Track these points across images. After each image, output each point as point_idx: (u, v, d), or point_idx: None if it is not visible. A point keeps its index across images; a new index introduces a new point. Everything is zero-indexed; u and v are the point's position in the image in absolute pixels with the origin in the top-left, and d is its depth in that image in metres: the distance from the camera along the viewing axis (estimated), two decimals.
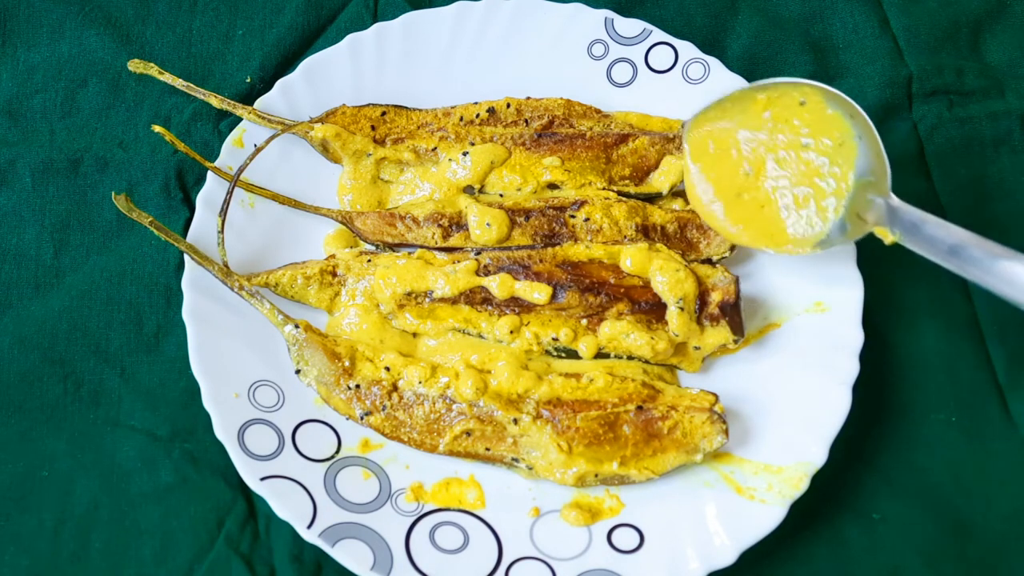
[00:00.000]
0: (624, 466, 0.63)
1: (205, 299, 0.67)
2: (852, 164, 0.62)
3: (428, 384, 0.65)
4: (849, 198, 0.62)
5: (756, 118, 0.65)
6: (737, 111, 0.66)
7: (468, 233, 0.70)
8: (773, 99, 0.65)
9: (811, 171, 0.63)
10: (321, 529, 0.61)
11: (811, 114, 0.63)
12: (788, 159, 0.63)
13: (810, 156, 0.63)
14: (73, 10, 0.80)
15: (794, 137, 0.63)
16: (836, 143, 0.62)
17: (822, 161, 0.62)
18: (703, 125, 0.67)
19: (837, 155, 0.62)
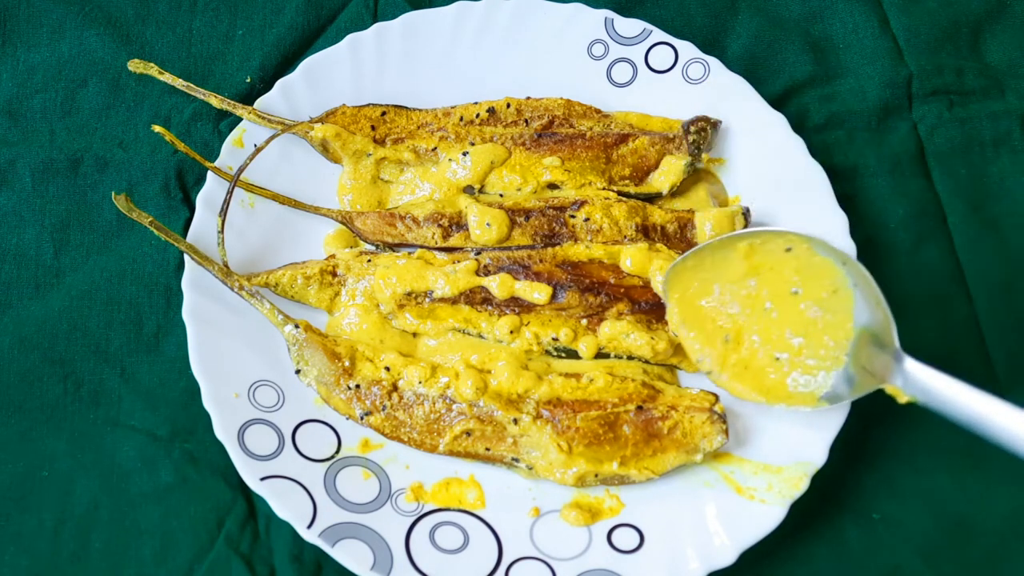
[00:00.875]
0: (624, 466, 0.63)
1: (205, 299, 0.67)
2: (850, 313, 0.56)
3: (428, 384, 0.65)
4: (852, 348, 0.56)
5: (739, 267, 0.60)
6: (718, 260, 0.60)
7: (468, 233, 0.70)
8: (756, 247, 0.59)
9: (806, 321, 0.57)
10: (321, 529, 0.61)
11: (798, 260, 0.57)
12: (779, 309, 0.58)
13: (803, 305, 0.57)
14: (73, 10, 0.80)
15: (783, 286, 0.58)
16: (830, 291, 0.57)
17: (816, 310, 0.57)
18: (683, 276, 0.62)
19: (832, 303, 0.57)
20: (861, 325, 0.55)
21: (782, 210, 0.71)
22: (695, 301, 0.60)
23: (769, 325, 0.58)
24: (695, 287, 0.60)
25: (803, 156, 0.72)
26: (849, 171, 0.76)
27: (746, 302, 0.59)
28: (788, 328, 0.57)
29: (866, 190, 0.76)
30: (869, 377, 0.54)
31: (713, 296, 0.60)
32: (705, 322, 0.61)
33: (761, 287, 0.58)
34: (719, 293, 0.59)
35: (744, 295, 0.59)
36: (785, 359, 0.58)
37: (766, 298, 0.58)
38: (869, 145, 0.78)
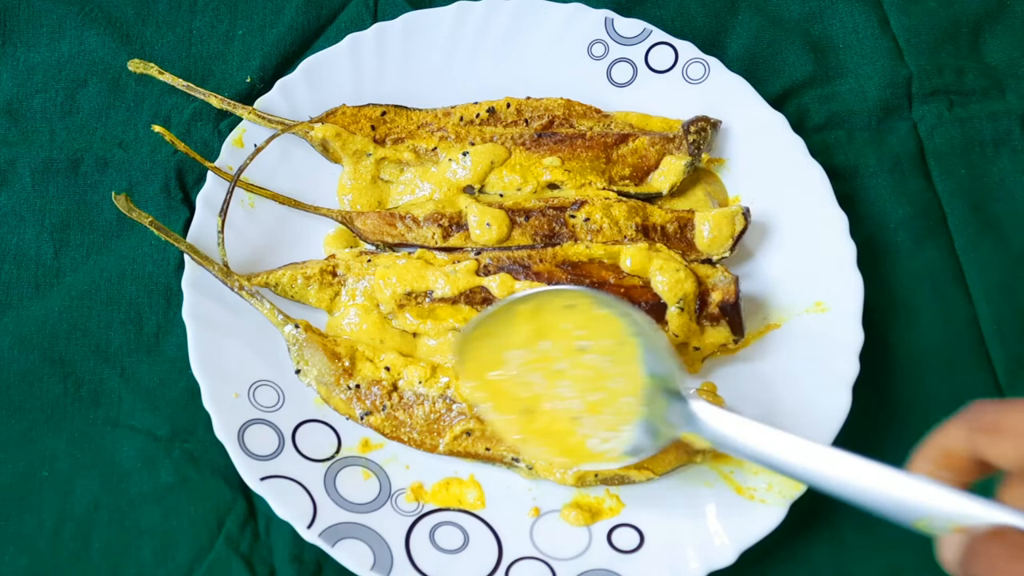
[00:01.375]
0: (624, 466, 0.63)
1: (205, 299, 0.67)
2: (637, 363, 0.55)
3: (428, 384, 0.65)
4: (646, 396, 0.54)
5: (525, 331, 0.58)
6: (503, 326, 0.59)
7: (468, 233, 0.70)
8: (538, 307, 0.58)
9: (597, 375, 0.56)
10: (321, 529, 0.61)
11: (581, 316, 0.56)
12: (570, 367, 0.56)
13: (591, 359, 0.56)
14: (73, 10, 0.80)
15: (568, 343, 0.56)
16: (616, 343, 0.55)
17: (606, 363, 0.55)
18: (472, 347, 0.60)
19: (620, 354, 0.55)
20: (649, 374, 0.54)
21: (782, 210, 0.71)
22: (487, 372, 0.59)
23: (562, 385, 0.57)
24: (486, 357, 0.58)
25: (803, 156, 0.72)
26: (849, 171, 0.76)
27: (537, 366, 0.57)
28: (582, 384, 0.56)
29: (866, 190, 0.76)
30: (667, 426, 0.53)
31: (505, 365, 0.58)
32: (500, 395, 0.59)
33: (551, 348, 0.57)
34: (510, 361, 0.58)
35: (534, 359, 0.57)
36: (585, 418, 0.57)
37: (557, 358, 0.57)
38: (869, 145, 0.78)
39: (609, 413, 0.56)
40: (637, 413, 0.55)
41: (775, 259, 0.71)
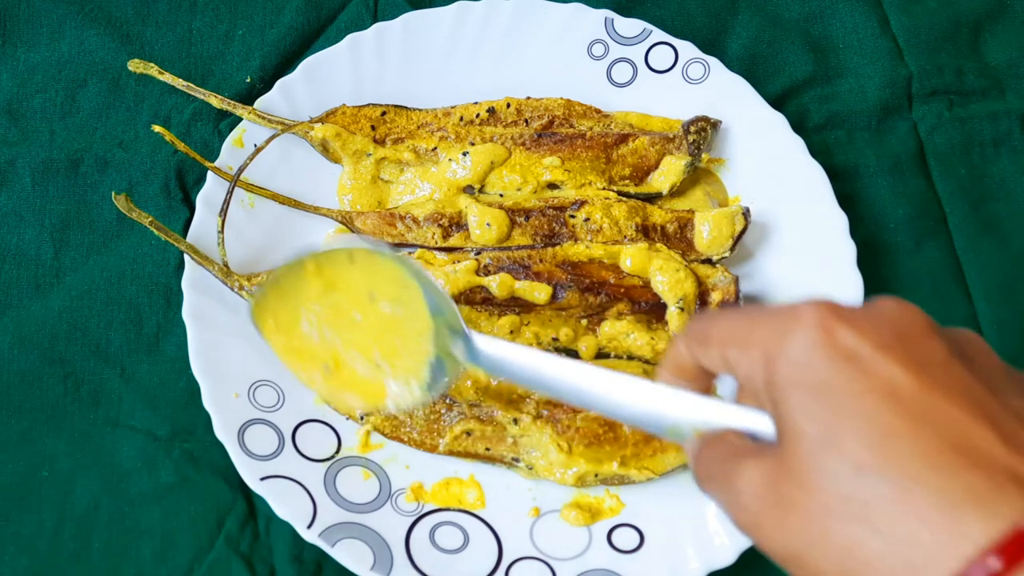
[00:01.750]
0: (624, 466, 0.63)
1: (205, 299, 0.67)
2: (422, 301, 0.56)
3: None
4: (434, 335, 0.56)
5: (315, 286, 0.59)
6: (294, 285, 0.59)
7: (468, 233, 0.70)
8: (322, 263, 0.58)
9: (391, 321, 0.58)
10: (321, 529, 0.61)
11: (363, 265, 0.57)
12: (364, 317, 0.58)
13: (381, 306, 0.58)
14: (73, 10, 0.80)
15: (360, 293, 0.58)
16: (399, 285, 0.57)
17: (395, 308, 0.57)
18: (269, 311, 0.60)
19: (404, 296, 0.57)
20: (433, 314, 0.56)
21: (782, 210, 0.71)
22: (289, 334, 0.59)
23: (360, 335, 0.59)
24: (283, 318, 0.59)
25: (803, 156, 0.72)
26: (849, 171, 0.76)
27: (333, 320, 0.59)
28: (378, 332, 0.58)
29: (866, 190, 0.76)
30: (454, 362, 0.56)
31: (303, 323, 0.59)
32: (304, 353, 0.60)
33: (342, 300, 0.58)
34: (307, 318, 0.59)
35: (329, 313, 0.59)
36: (384, 364, 0.58)
37: (349, 309, 0.58)
38: (869, 145, 0.78)
39: (406, 355, 0.58)
40: (429, 351, 0.57)
41: (775, 259, 0.71)
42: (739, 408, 0.42)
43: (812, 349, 0.37)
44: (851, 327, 0.37)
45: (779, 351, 0.38)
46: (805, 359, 0.37)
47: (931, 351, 0.37)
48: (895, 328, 0.37)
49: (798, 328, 0.37)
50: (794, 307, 0.38)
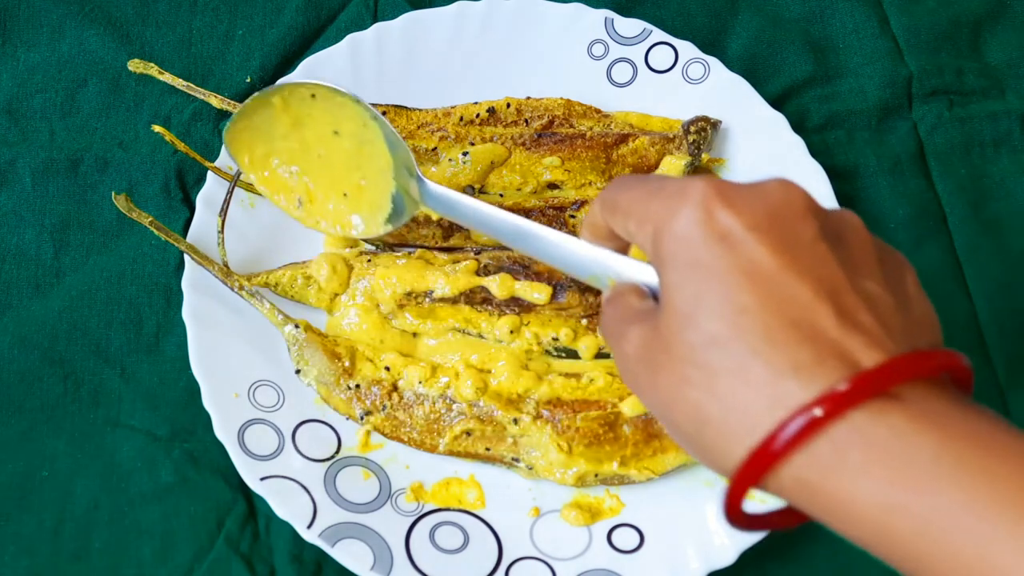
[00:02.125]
0: (624, 466, 0.63)
1: (205, 299, 0.67)
2: (382, 140, 0.61)
3: (428, 384, 0.65)
4: (395, 172, 0.62)
5: (283, 122, 0.63)
6: (265, 119, 0.63)
7: (468, 233, 0.70)
8: (287, 98, 0.62)
9: (354, 155, 0.62)
10: (321, 529, 0.61)
11: (325, 103, 0.62)
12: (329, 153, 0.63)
13: (344, 143, 0.62)
14: (73, 10, 0.80)
15: (324, 129, 0.62)
16: (360, 123, 0.61)
17: (355, 143, 0.62)
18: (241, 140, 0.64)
19: (365, 134, 0.61)
20: (392, 152, 0.61)
21: None
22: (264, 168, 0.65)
23: (328, 170, 0.64)
24: (259, 153, 0.64)
25: (803, 156, 0.72)
26: (849, 171, 0.76)
27: (302, 157, 0.64)
28: (343, 167, 0.63)
29: (866, 190, 0.76)
30: (411, 201, 0.61)
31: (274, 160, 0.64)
32: (279, 187, 0.65)
33: (308, 136, 0.63)
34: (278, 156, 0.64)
35: (298, 150, 0.64)
36: (352, 195, 0.64)
37: (316, 145, 0.63)
38: (869, 145, 0.78)
39: (369, 188, 0.63)
40: (391, 186, 0.62)
41: None
42: (644, 266, 0.46)
43: (692, 227, 0.39)
44: (729, 207, 0.39)
45: (665, 227, 0.40)
46: (684, 236, 0.39)
47: (799, 233, 0.39)
48: (771, 209, 0.39)
49: (683, 206, 0.40)
50: (686, 184, 0.41)
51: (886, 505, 0.35)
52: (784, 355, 0.36)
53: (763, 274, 0.38)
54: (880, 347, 0.37)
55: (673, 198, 0.40)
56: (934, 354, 0.37)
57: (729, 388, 0.37)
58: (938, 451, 0.34)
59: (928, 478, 0.34)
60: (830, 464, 0.36)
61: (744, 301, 0.37)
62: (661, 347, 0.40)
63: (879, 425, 0.35)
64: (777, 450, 0.36)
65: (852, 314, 0.37)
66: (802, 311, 0.37)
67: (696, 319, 0.38)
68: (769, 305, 0.37)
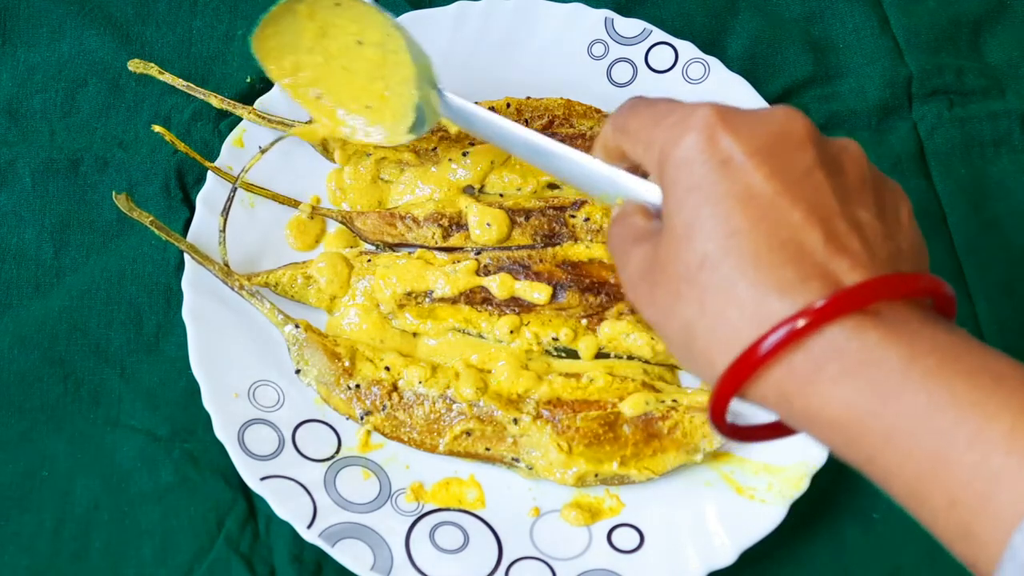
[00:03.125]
0: (624, 466, 0.63)
1: (205, 299, 0.67)
2: (404, 49, 0.61)
3: (428, 384, 0.65)
4: (417, 80, 0.61)
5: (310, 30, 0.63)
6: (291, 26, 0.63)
7: (468, 233, 0.70)
8: (312, 7, 0.62)
9: (376, 65, 0.62)
10: (321, 529, 0.61)
11: (350, 11, 0.61)
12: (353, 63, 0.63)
13: (367, 53, 0.62)
14: (73, 10, 0.80)
15: (348, 39, 0.62)
16: (384, 33, 0.61)
17: (379, 53, 0.62)
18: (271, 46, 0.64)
19: (389, 44, 0.61)
20: (415, 62, 0.61)
21: None
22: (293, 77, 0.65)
23: (351, 82, 0.64)
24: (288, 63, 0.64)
25: None
26: None
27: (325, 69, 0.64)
28: (367, 77, 0.63)
29: None
30: (432, 112, 0.61)
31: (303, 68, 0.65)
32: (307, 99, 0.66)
33: (331, 47, 0.63)
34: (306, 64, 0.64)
35: (322, 62, 0.64)
36: (375, 107, 0.64)
37: (340, 56, 0.63)
38: (869, 145, 0.77)
39: (393, 98, 0.63)
40: (414, 95, 0.62)
41: None
42: (652, 186, 0.47)
43: (694, 152, 0.41)
44: (732, 133, 0.40)
45: (669, 153, 0.42)
46: (687, 161, 0.41)
47: (797, 160, 0.40)
48: (772, 136, 0.41)
49: (688, 132, 0.41)
50: (692, 109, 0.42)
51: (857, 412, 0.37)
52: (770, 275, 0.38)
53: (757, 199, 0.39)
54: (864, 269, 0.38)
55: (679, 124, 0.42)
56: (914, 277, 0.39)
57: (717, 306, 0.39)
58: (908, 363, 0.36)
59: (896, 387, 0.36)
60: (807, 375, 0.38)
61: (736, 224, 0.39)
62: (659, 266, 0.42)
63: (854, 339, 0.37)
64: (757, 360, 0.38)
65: (840, 238, 0.39)
66: (791, 234, 0.39)
67: (691, 240, 0.40)
68: (760, 228, 0.39)
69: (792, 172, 0.40)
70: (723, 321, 0.39)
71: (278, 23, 0.63)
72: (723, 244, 0.39)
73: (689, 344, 0.41)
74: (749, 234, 0.39)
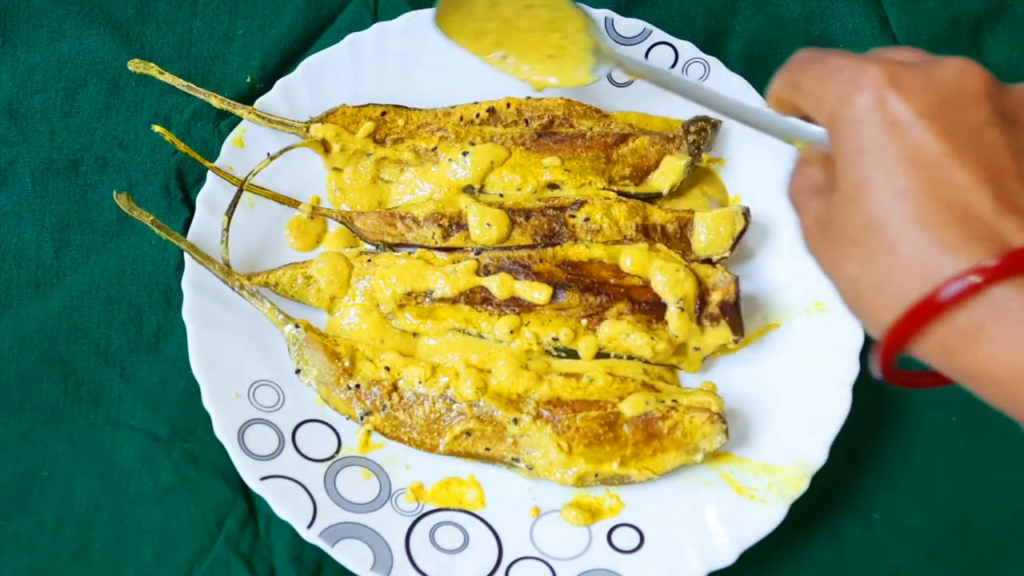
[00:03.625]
0: (624, 466, 0.63)
1: (205, 299, 0.67)
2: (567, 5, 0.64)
3: (428, 384, 0.65)
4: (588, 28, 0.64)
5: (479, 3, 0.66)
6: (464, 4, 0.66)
7: (468, 233, 0.70)
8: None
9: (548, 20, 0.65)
10: (321, 529, 0.61)
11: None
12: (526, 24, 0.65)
13: (538, 12, 0.65)
14: (73, 10, 0.80)
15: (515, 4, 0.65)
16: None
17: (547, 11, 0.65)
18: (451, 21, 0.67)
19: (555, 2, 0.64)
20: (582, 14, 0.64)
21: (782, 210, 0.71)
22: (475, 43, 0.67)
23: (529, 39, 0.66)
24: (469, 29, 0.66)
25: None
26: None
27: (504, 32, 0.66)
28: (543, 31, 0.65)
29: None
30: (605, 54, 0.63)
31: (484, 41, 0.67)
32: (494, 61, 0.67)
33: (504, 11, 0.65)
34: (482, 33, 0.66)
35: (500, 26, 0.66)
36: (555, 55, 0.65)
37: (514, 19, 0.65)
38: None
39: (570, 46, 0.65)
40: (589, 42, 0.64)
41: (775, 259, 0.71)
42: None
43: (864, 113, 0.41)
44: (902, 94, 0.40)
45: (838, 114, 0.42)
46: (856, 121, 0.41)
47: (969, 117, 0.41)
48: (944, 94, 0.41)
49: (858, 93, 0.41)
50: (863, 66, 0.42)
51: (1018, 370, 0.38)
52: (934, 236, 0.39)
53: (925, 160, 0.39)
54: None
55: (849, 84, 0.42)
56: None
57: (882, 265, 0.40)
58: None
59: None
60: (968, 332, 0.38)
61: (903, 186, 0.39)
62: (831, 223, 0.43)
63: (1016, 299, 0.37)
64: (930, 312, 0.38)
65: (1011, 197, 0.39)
66: (958, 195, 0.39)
67: (859, 202, 0.41)
68: (926, 189, 0.39)
69: (963, 130, 0.40)
70: (888, 281, 0.40)
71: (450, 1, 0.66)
72: (888, 206, 0.40)
73: (856, 299, 0.42)
74: (915, 195, 0.39)
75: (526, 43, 0.66)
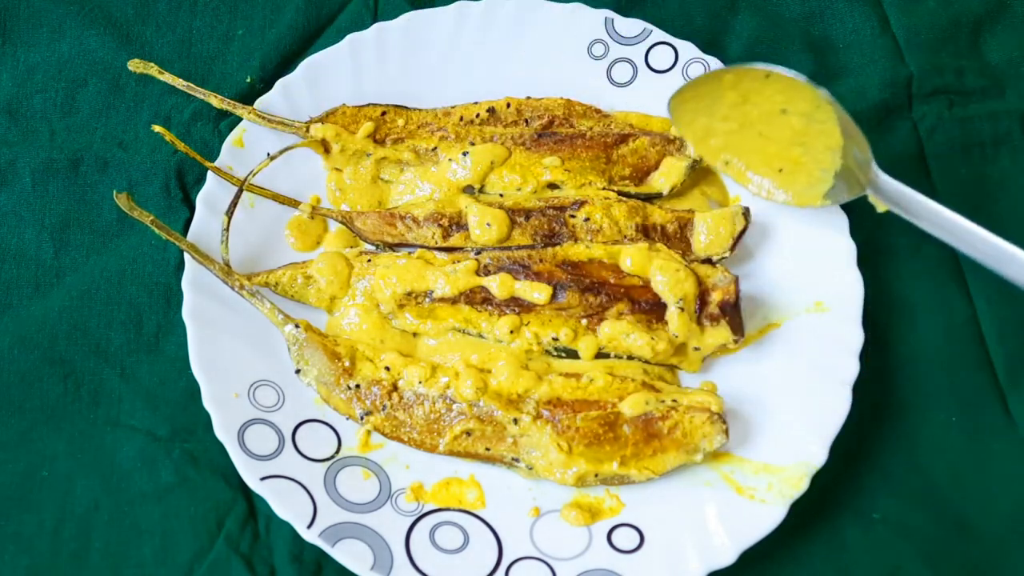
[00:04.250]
0: (624, 466, 0.63)
1: (205, 299, 0.67)
2: (834, 120, 0.63)
3: (428, 384, 0.65)
4: (843, 150, 0.63)
5: (730, 97, 0.66)
6: (710, 92, 0.67)
7: (468, 233, 0.70)
8: (740, 75, 0.66)
9: (798, 132, 0.65)
10: (321, 529, 0.61)
11: (780, 82, 0.64)
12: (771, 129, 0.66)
13: (791, 121, 0.65)
14: (73, 10, 0.80)
15: (772, 107, 0.65)
16: (812, 106, 0.64)
17: (803, 122, 0.64)
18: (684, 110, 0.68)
19: (819, 115, 0.64)
20: (844, 135, 0.63)
21: (782, 210, 0.71)
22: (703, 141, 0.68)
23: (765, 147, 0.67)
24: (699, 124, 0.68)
25: None
26: None
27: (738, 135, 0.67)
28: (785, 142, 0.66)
29: None
30: (856, 183, 0.63)
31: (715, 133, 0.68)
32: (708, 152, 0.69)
33: (752, 113, 0.66)
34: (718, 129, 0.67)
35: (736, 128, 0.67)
36: (787, 170, 0.66)
37: (759, 122, 0.66)
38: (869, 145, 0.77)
39: (809, 163, 0.65)
40: (836, 163, 0.64)
41: (775, 259, 0.71)
42: None
43: None
44: None
45: None
46: None
47: None
48: None
49: None
50: None
51: None
52: None
53: None
54: None
55: None
56: None
57: None
58: None
59: None
60: None
61: None
62: None
63: None
64: None
65: None
66: None
67: None
68: None
69: None
70: None
71: (699, 88, 0.67)
72: None
73: None
74: None
75: (759, 152, 0.66)
